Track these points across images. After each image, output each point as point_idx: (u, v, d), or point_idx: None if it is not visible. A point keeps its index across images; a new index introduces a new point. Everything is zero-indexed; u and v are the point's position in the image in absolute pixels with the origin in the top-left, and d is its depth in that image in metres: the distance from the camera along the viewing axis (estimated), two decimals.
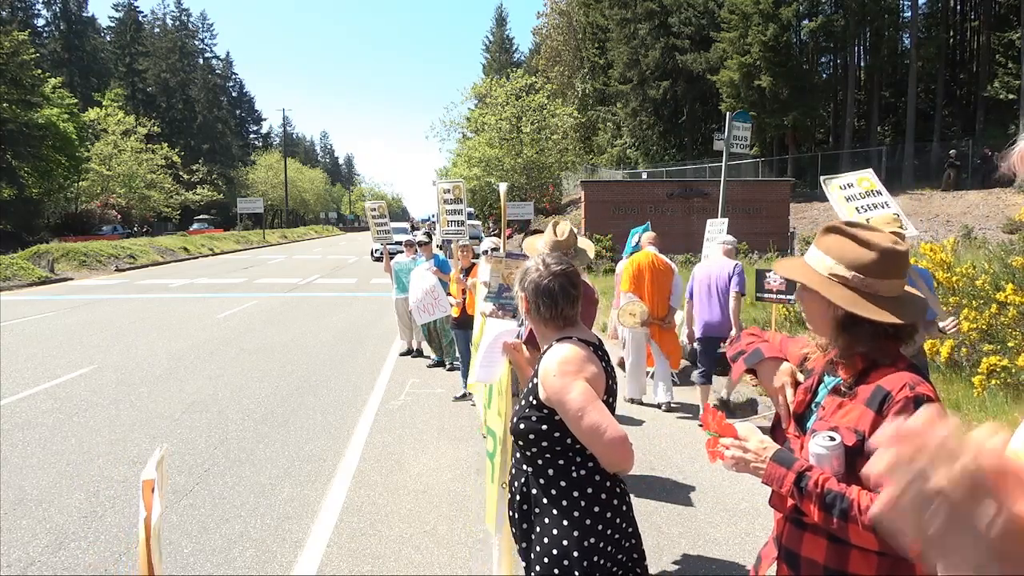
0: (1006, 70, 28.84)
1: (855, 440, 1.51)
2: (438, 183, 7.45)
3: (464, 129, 40.80)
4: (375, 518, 4.28)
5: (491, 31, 65.79)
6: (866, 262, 1.54)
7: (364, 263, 27.69)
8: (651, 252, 6.52)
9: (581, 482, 1.97)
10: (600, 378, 1.97)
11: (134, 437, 5.84)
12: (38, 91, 35.31)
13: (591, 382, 1.92)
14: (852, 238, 1.58)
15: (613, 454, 1.84)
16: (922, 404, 1.47)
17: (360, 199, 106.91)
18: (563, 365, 1.93)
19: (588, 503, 1.96)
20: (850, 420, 1.54)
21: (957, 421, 0.70)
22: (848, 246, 1.57)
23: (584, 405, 1.85)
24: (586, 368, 1.94)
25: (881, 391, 1.52)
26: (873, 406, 1.51)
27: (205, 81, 71.13)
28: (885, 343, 1.56)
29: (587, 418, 1.84)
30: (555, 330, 2.10)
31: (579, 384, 1.89)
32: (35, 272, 21.04)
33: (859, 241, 1.57)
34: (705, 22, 32.33)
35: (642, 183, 25.92)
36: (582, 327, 2.13)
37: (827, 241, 1.61)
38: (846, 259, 1.56)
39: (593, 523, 1.95)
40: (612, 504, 1.99)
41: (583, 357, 1.97)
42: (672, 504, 4.43)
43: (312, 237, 63.19)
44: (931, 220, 21.84)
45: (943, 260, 6.44)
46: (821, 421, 1.60)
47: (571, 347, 1.99)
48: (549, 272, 2.09)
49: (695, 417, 6.43)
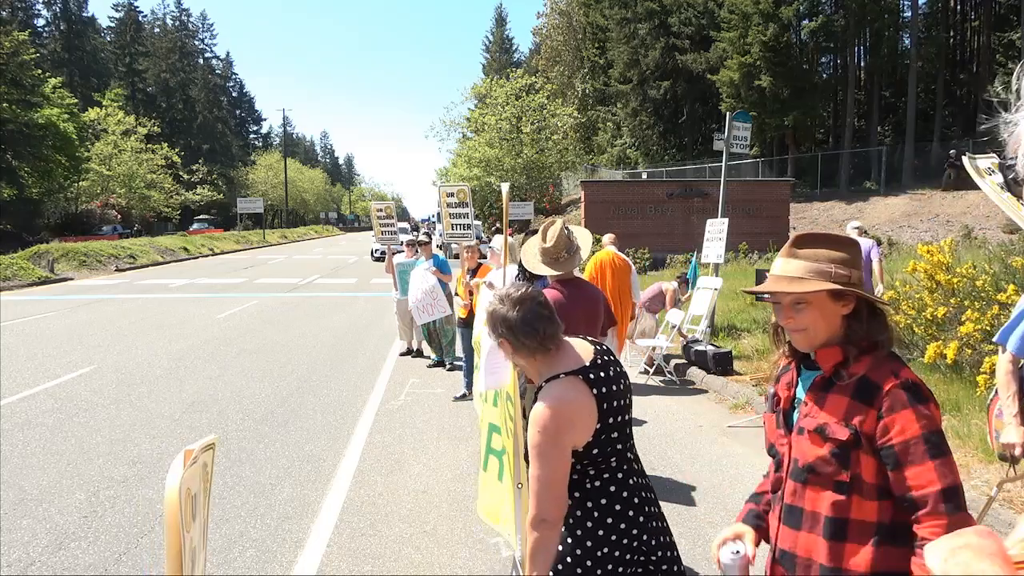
0: (1006, 70, 28.81)
1: (848, 434, 1.53)
2: (441, 186, 7.45)
3: (464, 129, 40.81)
4: (375, 518, 4.28)
5: (491, 31, 65.84)
6: (851, 258, 1.63)
7: (364, 263, 27.69)
8: (611, 251, 7.01)
9: (595, 493, 1.97)
10: (587, 416, 1.92)
11: (134, 437, 5.84)
12: (38, 91, 35.31)
13: (569, 436, 1.90)
14: (829, 241, 1.66)
15: (535, 514, 1.88)
16: (913, 387, 1.51)
17: (360, 199, 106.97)
18: (540, 434, 1.88)
19: (602, 513, 1.95)
20: (839, 414, 1.55)
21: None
22: (831, 250, 1.64)
23: (541, 474, 1.88)
24: (563, 430, 1.89)
25: (868, 382, 1.54)
26: (861, 398, 1.53)
27: (205, 81, 71.11)
28: (876, 326, 1.61)
29: (536, 486, 1.89)
30: (544, 362, 2.02)
31: (546, 459, 1.88)
32: (35, 272, 21.05)
33: (837, 242, 1.66)
34: (705, 22, 32.31)
35: (642, 183, 25.92)
36: (569, 349, 2.05)
37: (808, 251, 1.65)
38: (839, 260, 1.62)
39: (607, 533, 1.94)
40: (628, 515, 1.96)
41: (564, 414, 1.89)
42: (672, 504, 4.43)
43: (312, 237, 63.18)
44: (931, 220, 21.85)
45: (941, 261, 6.42)
46: (807, 418, 1.61)
47: (554, 404, 1.90)
48: (513, 302, 2.03)
49: (695, 417, 6.44)
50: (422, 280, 8.10)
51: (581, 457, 1.93)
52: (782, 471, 1.68)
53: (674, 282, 8.82)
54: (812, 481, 1.58)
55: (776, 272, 1.68)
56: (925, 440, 1.47)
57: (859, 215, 23.40)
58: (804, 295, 1.60)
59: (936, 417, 1.51)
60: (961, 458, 4.62)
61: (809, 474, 1.58)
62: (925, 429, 1.47)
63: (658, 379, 7.90)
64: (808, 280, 1.61)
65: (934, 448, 1.47)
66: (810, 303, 1.61)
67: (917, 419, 1.48)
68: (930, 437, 1.47)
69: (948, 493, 1.45)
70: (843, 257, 1.62)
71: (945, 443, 1.49)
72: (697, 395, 7.34)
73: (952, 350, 5.76)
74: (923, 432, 1.47)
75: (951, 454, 1.49)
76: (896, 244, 18.95)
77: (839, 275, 1.60)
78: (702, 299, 8.62)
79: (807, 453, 1.59)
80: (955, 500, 1.45)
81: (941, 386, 5.85)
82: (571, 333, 2.16)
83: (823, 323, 1.61)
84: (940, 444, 1.48)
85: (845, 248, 1.64)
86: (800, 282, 1.62)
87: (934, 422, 1.49)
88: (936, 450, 1.47)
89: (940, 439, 1.49)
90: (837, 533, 1.54)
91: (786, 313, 1.65)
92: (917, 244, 7.78)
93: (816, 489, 1.57)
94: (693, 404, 6.96)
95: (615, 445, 1.98)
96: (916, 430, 1.47)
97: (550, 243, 3.39)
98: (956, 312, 6.16)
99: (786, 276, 1.65)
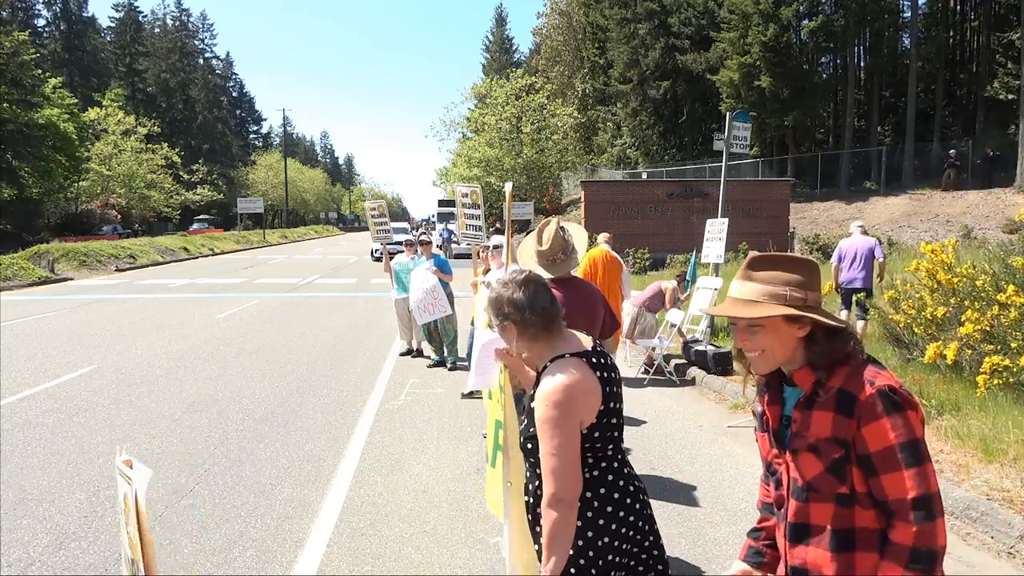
0: (1006, 70, 28.83)
1: (840, 451, 1.53)
2: (456, 186, 7.48)
3: (464, 129, 40.78)
4: (375, 518, 4.28)
5: (491, 31, 65.87)
6: (808, 280, 1.62)
7: (364, 263, 27.69)
8: (604, 248, 7.35)
9: (594, 483, 1.98)
10: (593, 395, 1.93)
11: (134, 437, 5.84)
12: (38, 91, 35.34)
13: (580, 412, 1.90)
14: (785, 263, 1.65)
15: (554, 492, 1.85)
16: (887, 396, 1.50)
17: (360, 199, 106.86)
18: (553, 407, 1.87)
19: (601, 503, 1.97)
20: (826, 430, 1.55)
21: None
22: (786, 273, 1.63)
23: (555, 447, 1.86)
24: (575, 403, 1.89)
25: (845, 394, 1.54)
26: (842, 411, 1.54)
27: (205, 81, 71.12)
28: (835, 345, 1.59)
29: (553, 463, 1.86)
30: (547, 344, 2.03)
31: (561, 432, 1.86)
32: (35, 272, 21.05)
33: (794, 263, 1.65)
34: (705, 22, 32.30)
35: (642, 183, 25.92)
36: (570, 335, 2.08)
37: (765, 275, 1.64)
38: (796, 283, 1.61)
39: (607, 523, 1.96)
40: (626, 504, 1.99)
41: (575, 387, 1.89)
42: (672, 504, 4.43)
43: (312, 237, 63.18)
44: (931, 220, 21.84)
45: (944, 261, 6.42)
46: (799, 437, 1.61)
47: (564, 378, 1.90)
48: (517, 284, 2.05)
49: (695, 417, 6.44)
50: (423, 280, 8.10)
51: (583, 441, 1.93)
52: (783, 489, 1.69)
53: (673, 281, 8.82)
54: (813, 498, 1.59)
55: (732, 295, 1.68)
56: (900, 449, 1.47)
57: (859, 215, 23.40)
58: (757, 320, 1.61)
59: (913, 424, 1.50)
60: (961, 458, 4.62)
61: (810, 491, 1.59)
62: (900, 438, 1.48)
63: (658, 379, 7.90)
64: (761, 304, 1.61)
65: (908, 456, 1.47)
66: (764, 327, 1.61)
67: (892, 428, 1.48)
68: (905, 446, 1.48)
69: (919, 502, 1.46)
70: (798, 280, 1.61)
71: (921, 450, 1.49)
72: (697, 395, 7.34)
73: (952, 351, 5.76)
74: (898, 441, 1.48)
75: (928, 461, 1.49)
76: (896, 244, 18.94)
77: (794, 298, 1.60)
78: (702, 299, 8.62)
79: (805, 472, 1.59)
80: (926, 508, 1.46)
81: (941, 386, 5.85)
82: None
83: (779, 346, 1.62)
84: (915, 452, 1.48)
85: (801, 270, 1.63)
86: (754, 306, 1.62)
87: (910, 430, 1.49)
88: (911, 458, 1.47)
89: (915, 447, 1.48)
90: (844, 544, 1.55)
91: (742, 336, 1.66)
92: (920, 244, 7.76)
93: (819, 504, 1.58)
94: (693, 404, 6.97)
95: (613, 432, 2.00)
96: (891, 439, 1.48)
97: (545, 246, 3.33)
98: (956, 312, 6.16)
99: (741, 299, 1.65)
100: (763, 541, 1.84)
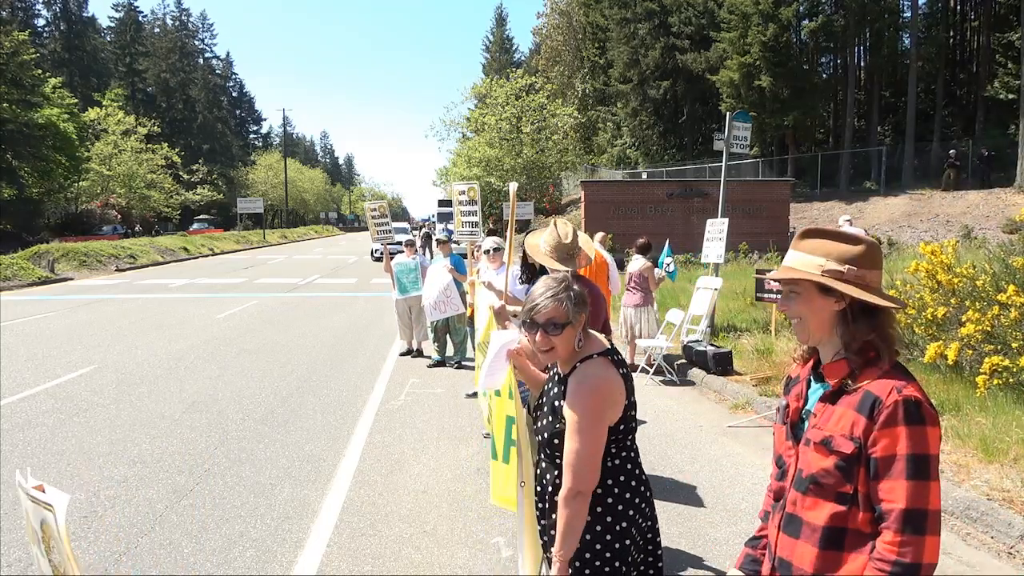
0: (1006, 70, 28.83)
1: (853, 448, 1.52)
2: (453, 184, 7.50)
3: (464, 129, 40.78)
4: (375, 518, 4.28)
5: (491, 31, 65.80)
6: (857, 255, 1.60)
7: (364, 263, 27.70)
8: (596, 248, 7.48)
9: (615, 471, 2.07)
10: (619, 393, 2.04)
11: (134, 437, 5.84)
12: (38, 91, 35.33)
13: (610, 412, 2.01)
14: (835, 236, 1.64)
15: (573, 486, 1.96)
16: (911, 405, 1.47)
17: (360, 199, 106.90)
18: (587, 408, 1.98)
19: (622, 489, 2.07)
20: (844, 427, 1.54)
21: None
22: (832, 244, 1.62)
23: (581, 448, 1.97)
24: (607, 404, 2.01)
25: (870, 396, 1.52)
26: (864, 412, 1.52)
27: (205, 81, 71.11)
28: (868, 326, 1.58)
29: (578, 458, 1.97)
30: (583, 340, 2.12)
31: (592, 431, 1.98)
32: (35, 272, 21.05)
33: (844, 238, 1.64)
34: (705, 22, 32.29)
35: (642, 183, 25.92)
36: (592, 335, 2.18)
37: (809, 244, 1.65)
38: (837, 255, 1.60)
39: (616, 518, 2.04)
40: (634, 502, 2.08)
41: (607, 389, 2.01)
42: (672, 504, 4.43)
43: (312, 237, 63.18)
44: (931, 220, 21.83)
45: (944, 261, 6.42)
46: (815, 430, 1.60)
47: (598, 380, 2.02)
48: (569, 280, 2.15)
49: (695, 417, 6.44)
50: (439, 277, 8.09)
51: (609, 434, 2.04)
52: (786, 480, 1.68)
53: (641, 259, 8.27)
54: (814, 492, 1.58)
55: (784, 262, 1.73)
56: (908, 459, 1.44)
57: (859, 215, 23.41)
58: (791, 283, 1.64)
59: (929, 440, 1.46)
60: (961, 458, 4.62)
61: (812, 484, 1.58)
62: (912, 450, 1.45)
63: (658, 379, 7.90)
64: (796, 270, 1.64)
65: (915, 469, 1.44)
66: (799, 293, 1.64)
67: (908, 437, 1.45)
68: (914, 458, 1.44)
69: (911, 515, 1.43)
70: (841, 252, 1.60)
71: (931, 467, 1.45)
72: (697, 395, 7.34)
73: (954, 351, 5.76)
74: (909, 452, 1.45)
75: (935, 480, 1.45)
76: (896, 244, 18.94)
77: (830, 270, 1.59)
78: (702, 299, 8.61)
79: (811, 464, 1.58)
80: (917, 523, 1.43)
81: (941, 386, 5.85)
82: None
83: (813, 317, 1.62)
84: (923, 467, 1.44)
85: (849, 244, 1.61)
86: (788, 271, 1.65)
87: (925, 444, 1.45)
88: (917, 471, 1.44)
89: (925, 462, 1.45)
90: (832, 543, 1.54)
91: (782, 300, 1.70)
92: (919, 244, 7.76)
93: (817, 499, 1.57)
94: (693, 404, 6.97)
95: (632, 423, 2.12)
96: (904, 448, 1.45)
97: (567, 240, 3.39)
98: (956, 312, 6.15)
99: (785, 266, 1.69)
100: (760, 550, 1.84)
